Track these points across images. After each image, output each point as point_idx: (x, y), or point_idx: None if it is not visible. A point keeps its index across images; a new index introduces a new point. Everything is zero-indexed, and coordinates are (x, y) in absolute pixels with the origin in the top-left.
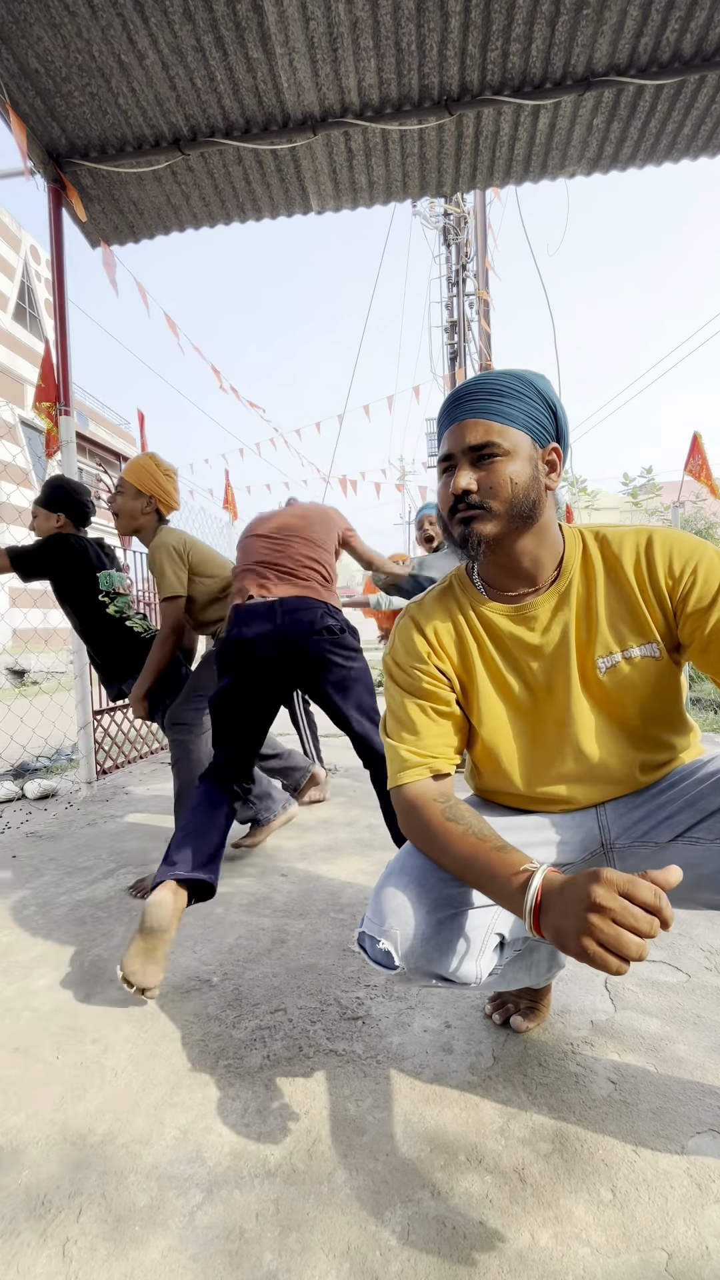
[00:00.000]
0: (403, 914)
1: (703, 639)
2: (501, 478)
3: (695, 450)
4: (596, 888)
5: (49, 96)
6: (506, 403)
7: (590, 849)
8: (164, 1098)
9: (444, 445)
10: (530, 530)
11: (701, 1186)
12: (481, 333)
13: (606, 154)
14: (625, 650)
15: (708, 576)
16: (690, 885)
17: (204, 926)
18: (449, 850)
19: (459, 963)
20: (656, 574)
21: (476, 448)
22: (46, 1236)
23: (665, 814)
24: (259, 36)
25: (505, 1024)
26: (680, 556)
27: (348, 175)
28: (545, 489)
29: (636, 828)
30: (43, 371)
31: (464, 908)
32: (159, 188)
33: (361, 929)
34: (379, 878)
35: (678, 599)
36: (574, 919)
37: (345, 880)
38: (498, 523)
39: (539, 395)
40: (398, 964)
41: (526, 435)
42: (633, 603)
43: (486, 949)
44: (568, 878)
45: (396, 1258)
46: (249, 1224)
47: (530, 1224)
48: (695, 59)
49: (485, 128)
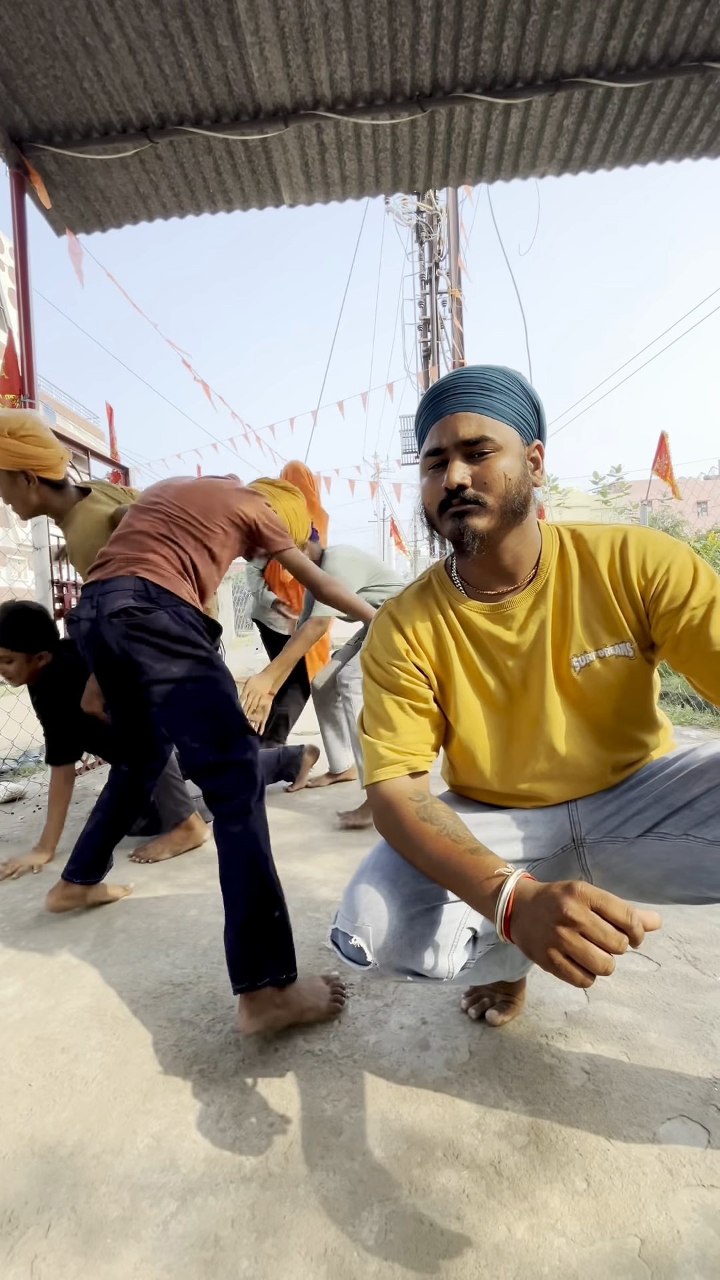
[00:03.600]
0: (375, 910)
1: (674, 638)
2: (496, 472)
3: (662, 450)
4: (569, 900)
5: (10, 78)
6: (496, 396)
7: (561, 844)
8: (136, 1105)
9: (431, 439)
10: (518, 527)
11: (673, 1172)
12: (454, 330)
13: (576, 155)
14: (599, 649)
15: (680, 577)
16: (658, 880)
17: (177, 929)
18: (422, 850)
19: (432, 958)
20: (630, 574)
21: (470, 441)
22: (13, 1254)
23: (634, 810)
24: (229, 24)
25: (481, 1018)
26: (654, 557)
27: (320, 168)
28: (531, 485)
29: (606, 823)
30: (5, 363)
31: (436, 903)
32: (127, 176)
33: (334, 925)
34: (352, 875)
35: (650, 599)
36: (543, 928)
37: (321, 879)
38: (491, 518)
39: (523, 391)
40: (370, 959)
41: (515, 431)
42: (607, 602)
43: (459, 944)
44: (541, 887)
45: (374, 1257)
46: (224, 1231)
47: (506, 1217)
48: (662, 64)
49: (457, 125)
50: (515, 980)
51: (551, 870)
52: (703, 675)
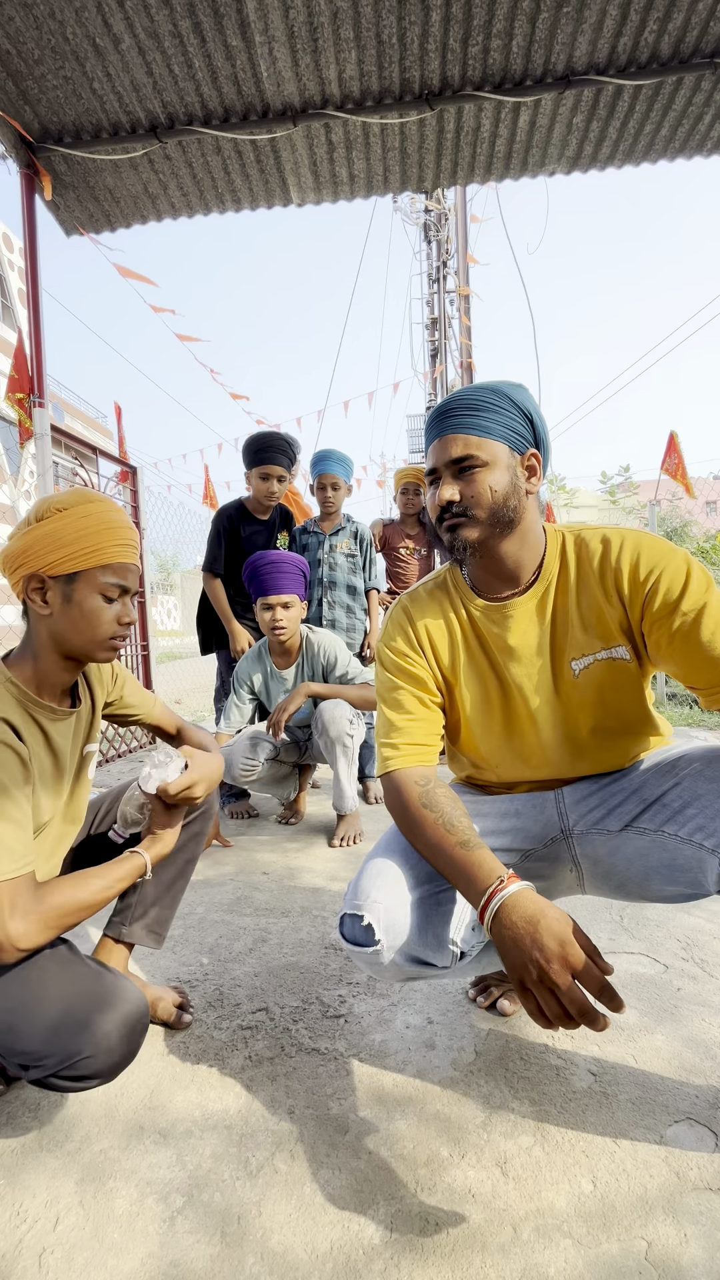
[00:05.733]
0: (386, 890)
1: (666, 642)
2: (481, 487)
3: (671, 449)
4: (554, 961)
5: (20, 79)
6: (483, 416)
7: (550, 835)
8: (143, 1102)
9: (429, 459)
10: (513, 534)
11: (680, 1175)
12: (463, 328)
13: (586, 153)
14: (597, 652)
15: (671, 583)
16: (640, 878)
17: (184, 926)
18: (419, 835)
19: (438, 939)
20: (622, 578)
21: (457, 460)
22: (21, 1248)
23: (615, 803)
24: (238, 24)
25: (491, 1007)
26: (647, 562)
27: (328, 168)
28: (525, 493)
29: (591, 815)
30: (15, 362)
31: (446, 886)
32: (136, 176)
33: (343, 911)
34: (361, 863)
35: (642, 603)
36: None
37: (326, 878)
38: (480, 528)
39: (514, 405)
40: (378, 938)
41: (504, 445)
42: (603, 605)
43: (462, 928)
44: (541, 908)
45: (379, 1256)
46: (231, 1227)
47: (513, 1217)
48: (673, 60)
49: (466, 123)
50: None
51: (543, 861)
52: (695, 679)
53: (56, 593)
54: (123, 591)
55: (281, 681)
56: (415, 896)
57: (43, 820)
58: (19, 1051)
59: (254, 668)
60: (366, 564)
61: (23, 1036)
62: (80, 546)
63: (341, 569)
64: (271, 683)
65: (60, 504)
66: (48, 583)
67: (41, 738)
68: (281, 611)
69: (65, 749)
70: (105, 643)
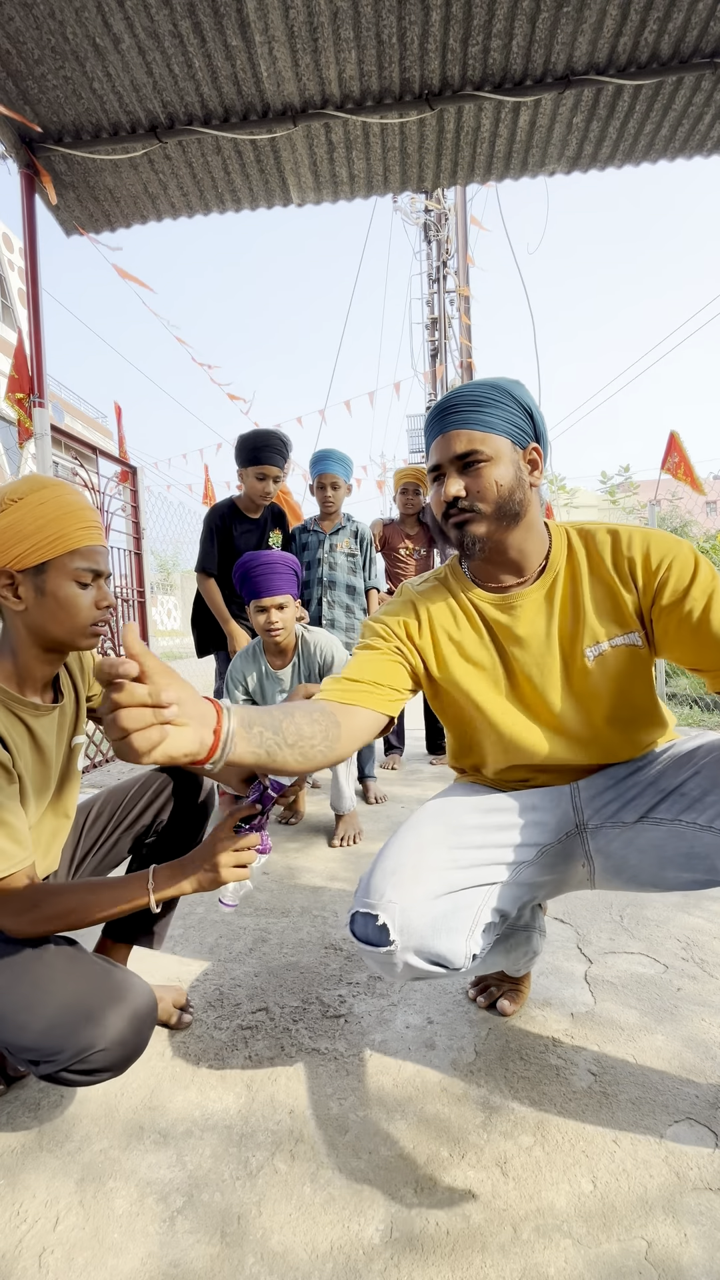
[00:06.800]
0: (401, 891)
1: (675, 629)
2: (487, 481)
3: (672, 449)
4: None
5: (20, 79)
6: (486, 411)
7: (565, 829)
8: (143, 1101)
9: (432, 456)
10: (518, 526)
11: (680, 1174)
12: (463, 328)
13: (586, 153)
14: (611, 639)
15: (681, 573)
16: (655, 866)
17: (184, 926)
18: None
19: (451, 940)
20: (635, 568)
21: (461, 456)
22: (21, 1248)
23: (631, 795)
24: (238, 24)
25: (491, 1007)
26: (657, 552)
27: (328, 168)
28: (529, 486)
29: (606, 809)
30: (15, 362)
31: (461, 887)
32: (136, 176)
33: (354, 909)
34: (371, 860)
35: (653, 592)
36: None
37: (326, 878)
38: (487, 523)
39: (515, 401)
40: (393, 939)
41: (507, 439)
42: (615, 594)
43: (478, 929)
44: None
45: (379, 1256)
46: (230, 1227)
47: (513, 1217)
48: (673, 60)
49: (466, 123)
50: (519, 976)
51: (557, 857)
52: (702, 661)
53: (28, 586)
54: (95, 575)
55: (277, 681)
56: (432, 897)
57: (34, 817)
58: (29, 1047)
59: (248, 666)
60: (366, 564)
61: (32, 1032)
62: (43, 536)
63: (341, 568)
64: (267, 682)
65: (13, 494)
66: (17, 577)
67: (28, 736)
68: (276, 613)
69: (51, 745)
70: (87, 629)
